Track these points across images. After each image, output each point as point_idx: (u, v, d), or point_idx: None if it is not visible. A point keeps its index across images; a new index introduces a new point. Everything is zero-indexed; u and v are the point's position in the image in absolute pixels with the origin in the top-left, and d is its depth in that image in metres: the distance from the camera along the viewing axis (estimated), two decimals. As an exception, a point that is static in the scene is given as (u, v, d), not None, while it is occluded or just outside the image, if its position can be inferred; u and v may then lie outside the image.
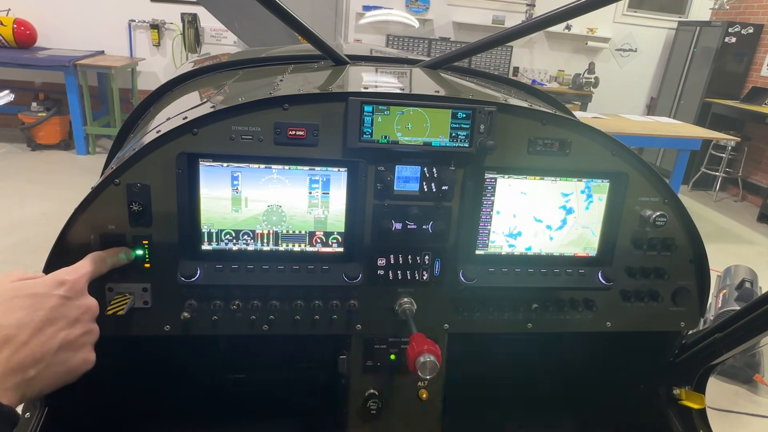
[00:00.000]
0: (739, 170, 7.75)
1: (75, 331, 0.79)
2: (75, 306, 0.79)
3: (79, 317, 0.80)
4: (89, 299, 0.83)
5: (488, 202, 1.15)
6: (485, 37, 1.32)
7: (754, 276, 3.49)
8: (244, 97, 1.03)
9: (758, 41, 7.83)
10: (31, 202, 5.23)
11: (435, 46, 8.34)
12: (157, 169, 1.00)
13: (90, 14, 7.34)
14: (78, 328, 0.79)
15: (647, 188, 1.19)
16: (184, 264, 1.05)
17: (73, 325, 0.79)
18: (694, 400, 1.30)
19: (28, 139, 7.06)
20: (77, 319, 0.79)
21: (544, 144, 1.13)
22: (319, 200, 1.09)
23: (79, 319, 0.80)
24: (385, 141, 1.05)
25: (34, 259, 1.19)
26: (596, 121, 5.56)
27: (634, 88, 9.20)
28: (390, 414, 1.25)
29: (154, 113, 1.38)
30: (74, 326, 0.79)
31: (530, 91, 1.64)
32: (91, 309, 0.83)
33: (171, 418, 1.54)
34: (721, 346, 1.21)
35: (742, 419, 3.14)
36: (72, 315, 0.78)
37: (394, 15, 6.88)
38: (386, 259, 1.14)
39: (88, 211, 0.99)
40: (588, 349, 1.57)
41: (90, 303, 0.83)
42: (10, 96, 3.85)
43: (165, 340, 1.11)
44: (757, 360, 3.34)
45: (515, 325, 1.23)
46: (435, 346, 1.00)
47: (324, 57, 1.41)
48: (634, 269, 1.23)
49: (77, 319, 0.79)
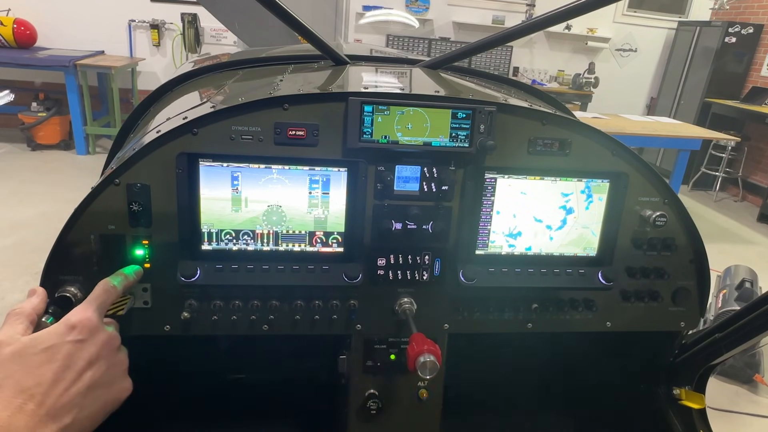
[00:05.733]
0: (739, 170, 7.75)
1: (99, 368, 0.78)
2: (91, 345, 0.79)
3: (99, 354, 0.79)
4: (105, 333, 0.82)
5: (488, 202, 1.15)
6: (485, 37, 1.32)
7: (754, 276, 3.49)
8: (244, 97, 1.03)
9: (758, 41, 7.83)
10: (31, 202, 5.23)
11: (435, 46, 8.34)
12: (157, 169, 1.00)
13: (90, 14, 7.34)
14: (102, 364, 0.79)
15: (647, 188, 1.19)
16: (184, 264, 1.05)
17: (96, 363, 0.78)
18: (694, 400, 1.30)
19: (28, 139, 7.06)
20: (98, 356, 0.79)
21: (544, 144, 1.13)
22: (319, 200, 1.09)
23: (100, 355, 0.79)
24: (385, 141, 1.05)
25: (34, 259, 1.19)
26: (596, 121, 5.56)
27: (634, 88, 9.20)
28: (390, 414, 1.25)
29: (154, 113, 1.38)
30: (97, 364, 0.78)
31: (530, 91, 1.64)
32: (111, 341, 0.82)
33: (171, 418, 1.54)
34: (721, 346, 1.21)
35: (742, 419, 3.14)
36: (91, 354, 0.78)
37: (394, 15, 6.89)
38: (386, 259, 1.14)
39: (88, 211, 0.99)
40: (588, 349, 1.57)
41: (107, 336, 0.82)
42: (10, 96, 3.85)
43: (165, 340, 1.11)
44: (757, 360, 3.34)
45: (515, 325, 1.23)
46: (435, 346, 1.00)
47: (324, 57, 1.41)
48: (634, 269, 1.23)
49: (98, 356, 0.79)
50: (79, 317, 0.80)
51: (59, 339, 0.76)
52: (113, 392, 0.80)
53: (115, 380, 0.81)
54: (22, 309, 0.80)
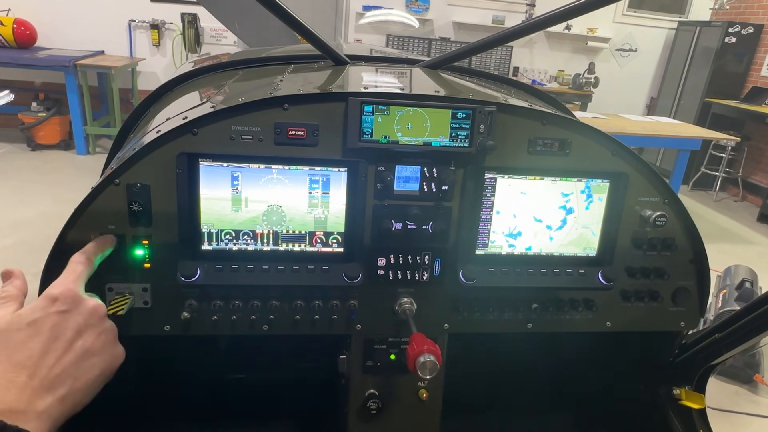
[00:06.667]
0: (739, 170, 7.75)
1: (89, 337, 0.79)
2: (76, 315, 0.79)
3: (86, 322, 0.80)
4: (89, 302, 0.82)
5: (488, 202, 1.15)
6: (485, 37, 1.32)
7: (754, 276, 3.49)
8: (244, 97, 1.03)
9: (758, 41, 7.84)
10: (31, 202, 5.23)
11: (435, 46, 8.34)
12: (157, 169, 1.00)
13: (90, 14, 7.34)
14: (90, 333, 0.79)
15: (647, 188, 1.19)
16: (184, 264, 1.05)
17: (84, 332, 0.79)
18: (694, 400, 1.30)
19: (28, 139, 7.06)
20: (86, 325, 0.79)
21: (544, 144, 1.13)
22: (319, 200, 1.09)
23: (88, 324, 0.80)
24: (385, 141, 1.05)
25: (34, 259, 1.19)
26: (596, 121, 5.56)
27: (634, 88, 9.21)
28: (390, 414, 1.24)
29: (154, 113, 1.38)
30: (86, 333, 0.79)
31: (530, 91, 1.64)
32: (96, 310, 0.82)
33: (170, 418, 1.54)
34: (721, 346, 1.21)
35: (742, 419, 3.14)
36: (77, 324, 0.78)
37: (394, 15, 6.89)
38: (386, 259, 1.14)
39: (88, 211, 0.99)
40: (588, 349, 1.57)
41: (91, 305, 0.82)
42: (10, 96, 3.85)
43: (165, 341, 1.11)
44: (757, 360, 3.34)
45: (515, 325, 1.23)
46: (435, 346, 1.00)
47: (324, 57, 1.41)
48: (634, 269, 1.23)
49: (86, 325, 0.79)
50: (60, 289, 0.80)
51: (43, 312, 0.76)
52: (106, 359, 0.80)
53: (107, 347, 0.81)
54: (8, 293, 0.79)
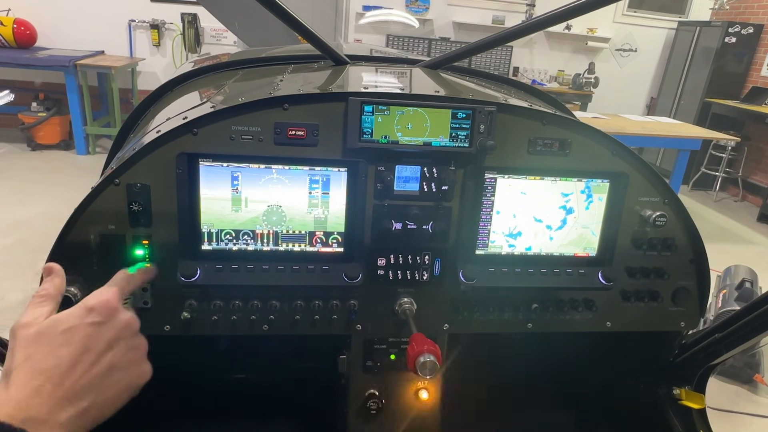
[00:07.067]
0: (739, 170, 7.74)
1: (118, 351, 0.78)
2: (110, 327, 0.78)
3: (119, 336, 0.79)
4: (125, 315, 0.81)
5: (488, 202, 1.15)
6: (485, 37, 1.32)
7: (754, 276, 3.48)
8: (244, 97, 1.03)
9: (758, 41, 7.83)
10: (31, 202, 5.23)
11: (435, 46, 8.34)
12: (157, 169, 1.00)
13: (90, 14, 7.33)
14: (121, 347, 0.78)
15: (647, 188, 1.19)
16: (184, 264, 1.05)
17: (115, 346, 0.78)
18: (694, 400, 1.30)
19: (28, 139, 7.06)
20: (117, 339, 0.78)
21: (544, 144, 1.13)
22: (319, 200, 1.09)
23: (119, 338, 0.79)
24: (385, 141, 1.05)
25: (34, 259, 1.19)
26: (596, 121, 5.56)
27: (634, 88, 9.20)
28: (390, 414, 1.25)
29: (154, 113, 1.38)
30: (116, 347, 0.78)
31: (530, 91, 1.64)
32: (130, 324, 0.81)
33: (170, 417, 1.54)
34: (721, 346, 1.21)
35: (742, 419, 3.13)
36: (110, 337, 0.77)
37: (394, 15, 6.88)
38: (386, 259, 1.14)
39: (88, 211, 0.99)
40: (588, 349, 1.57)
41: (126, 319, 0.81)
42: (10, 96, 3.84)
43: (165, 340, 1.11)
44: (757, 360, 3.34)
45: (515, 325, 1.23)
46: (435, 346, 1.00)
47: (324, 57, 1.41)
48: (634, 269, 1.23)
49: (117, 339, 0.78)
50: (98, 299, 0.79)
51: (78, 321, 0.75)
52: (132, 376, 0.79)
53: (134, 364, 0.80)
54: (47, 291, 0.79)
